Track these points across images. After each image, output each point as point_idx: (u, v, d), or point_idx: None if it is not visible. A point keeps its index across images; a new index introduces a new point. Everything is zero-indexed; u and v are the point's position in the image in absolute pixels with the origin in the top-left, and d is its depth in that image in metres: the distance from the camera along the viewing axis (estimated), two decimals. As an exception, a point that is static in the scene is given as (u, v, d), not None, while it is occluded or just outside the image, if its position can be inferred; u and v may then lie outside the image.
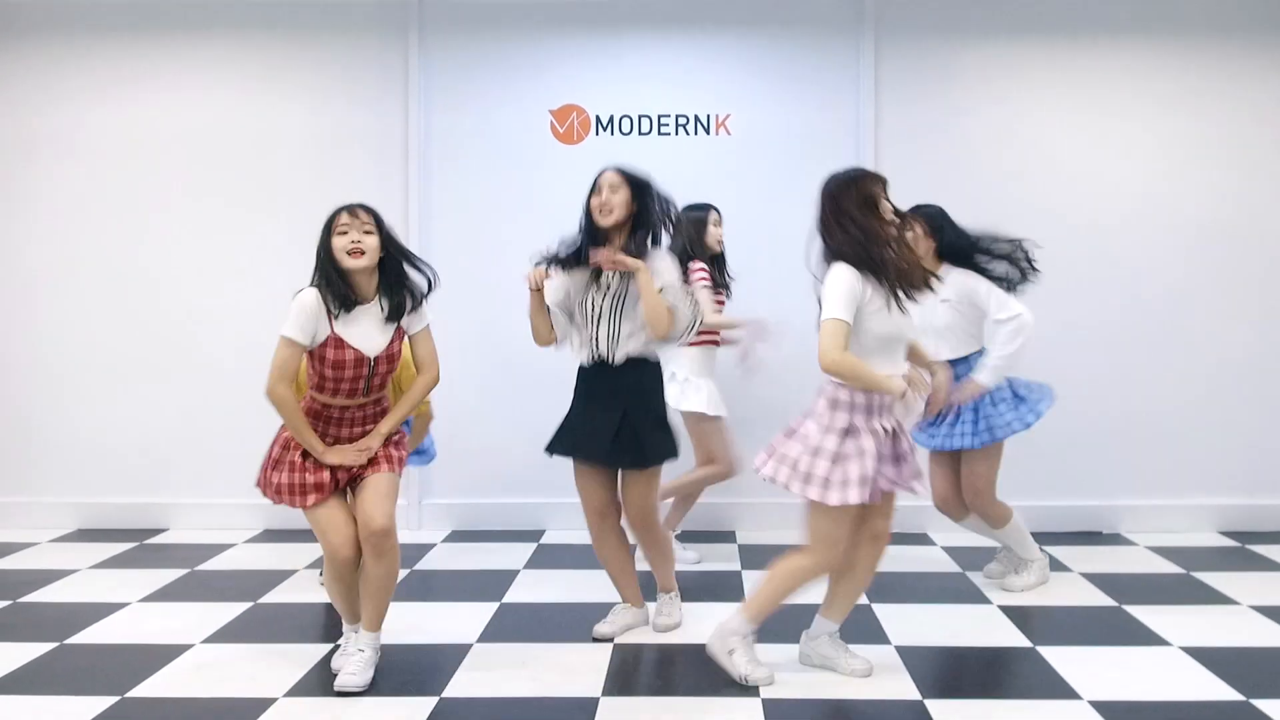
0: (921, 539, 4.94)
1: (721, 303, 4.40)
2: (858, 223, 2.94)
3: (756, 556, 4.57)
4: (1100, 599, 3.99)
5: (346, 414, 3.11)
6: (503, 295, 4.81)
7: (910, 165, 5.00)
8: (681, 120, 5.19)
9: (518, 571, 4.40)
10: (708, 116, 5.19)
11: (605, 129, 5.19)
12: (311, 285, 3.06)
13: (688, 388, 4.30)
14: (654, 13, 5.19)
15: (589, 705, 2.94)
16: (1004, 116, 5.15)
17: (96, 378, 5.24)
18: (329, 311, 3.02)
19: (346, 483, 3.10)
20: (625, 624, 3.56)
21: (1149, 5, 5.12)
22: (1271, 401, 5.10)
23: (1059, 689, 3.06)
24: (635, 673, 3.25)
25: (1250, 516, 5.07)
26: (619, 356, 3.38)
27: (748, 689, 3.03)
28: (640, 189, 3.37)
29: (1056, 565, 4.43)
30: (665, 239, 3.48)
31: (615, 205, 3.34)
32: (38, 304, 5.27)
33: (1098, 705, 2.92)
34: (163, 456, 5.23)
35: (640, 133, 5.19)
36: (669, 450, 3.46)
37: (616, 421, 3.34)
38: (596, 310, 3.39)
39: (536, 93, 5.19)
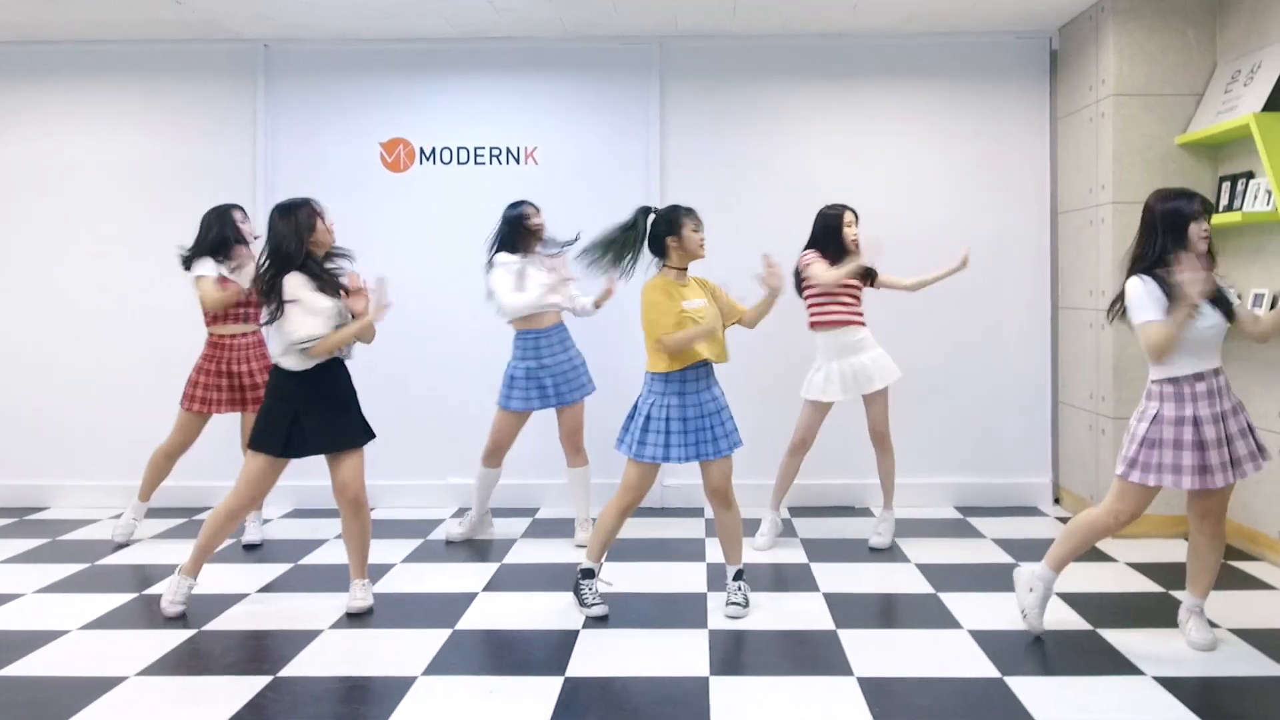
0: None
1: None
2: None
3: (551, 529, 5.43)
4: (799, 558, 4.83)
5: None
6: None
7: (692, 185, 5.86)
8: (495, 152, 5.99)
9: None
10: (518, 148, 5.98)
11: (428, 159, 5.98)
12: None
13: None
14: (472, 57, 5.98)
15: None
16: (770, 145, 5.96)
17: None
18: None
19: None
20: None
21: (894, 56, 5.93)
22: (996, 397, 5.94)
23: (703, 622, 3.91)
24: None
25: (976, 493, 5.91)
26: None
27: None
28: None
29: (789, 530, 5.28)
30: None
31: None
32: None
33: (713, 632, 3.77)
34: (44, 442, 6.00)
35: (459, 163, 5.98)
36: None
37: None
38: None
39: (368, 127, 5.97)
